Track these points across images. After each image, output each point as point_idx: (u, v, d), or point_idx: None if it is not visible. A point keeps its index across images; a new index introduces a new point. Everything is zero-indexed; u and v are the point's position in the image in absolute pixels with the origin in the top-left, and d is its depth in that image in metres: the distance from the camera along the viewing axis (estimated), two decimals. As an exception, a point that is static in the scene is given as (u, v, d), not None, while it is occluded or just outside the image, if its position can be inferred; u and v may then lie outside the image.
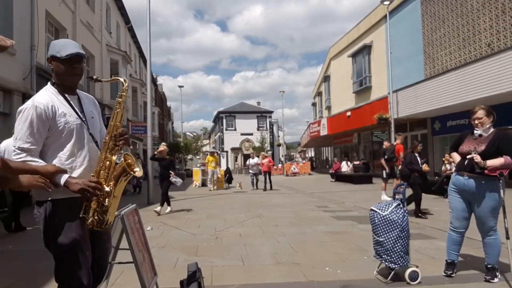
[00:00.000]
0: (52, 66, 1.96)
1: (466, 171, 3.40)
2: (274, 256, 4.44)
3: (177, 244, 5.25)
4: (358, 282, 3.45)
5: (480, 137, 3.44)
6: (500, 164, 3.22)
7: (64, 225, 1.86)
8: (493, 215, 3.33)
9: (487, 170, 3.24)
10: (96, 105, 2.24)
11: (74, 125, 1.95)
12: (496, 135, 3.39)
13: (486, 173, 3.26)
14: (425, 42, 15.93)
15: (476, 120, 3.45)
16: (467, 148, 3.45)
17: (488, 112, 3.43)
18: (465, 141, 3.55)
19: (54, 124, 1.88)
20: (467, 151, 3.43)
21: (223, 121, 53.11)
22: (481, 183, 3.32)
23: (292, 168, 28.78)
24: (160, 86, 42.21)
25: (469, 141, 3.50)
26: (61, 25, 12.51)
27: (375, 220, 3.48)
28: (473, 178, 3.35)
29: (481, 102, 11.57)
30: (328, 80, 28.56)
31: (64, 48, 1.93)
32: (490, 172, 3.25)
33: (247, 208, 9.10)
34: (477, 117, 3.44)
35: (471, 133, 3.53)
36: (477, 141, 3.43)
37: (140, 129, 20.65)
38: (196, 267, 2.99)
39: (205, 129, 79.26)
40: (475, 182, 3.34)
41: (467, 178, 3.39)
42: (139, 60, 29.01)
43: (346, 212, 8.07)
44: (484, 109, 3.44)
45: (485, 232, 3.39)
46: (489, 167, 3.22)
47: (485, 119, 3.42)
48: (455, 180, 3.54)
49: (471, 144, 3.46)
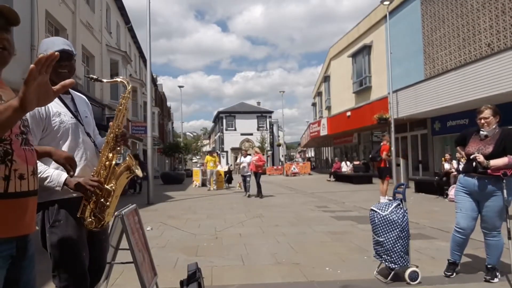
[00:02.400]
0: None
1: (475, 172, 3.34)
2: (274, 256, 4.44)
3: (177, 244, 5.25)
4: (358, 282, 3.45)
5: (486, 138, 3.38)
6: (503, 164, 3.17)
7: (61, 226, 1.86)
8: (499, 215, 3.28)
9: (490, 169, 3.20)
10: (88, 105, 2.24)
11: (69, 125, 1.93)
12: (502, 134, 3.32)
13: (489, 172, 3.22)
14: (425, 42, 15.93)
15: (483, 120, 3.38)
16: (474, 149, 3.38)
17: (494, 112, 3.38)
18: (470, 142, 3.49)
19: (49, 124, 1.87)
20: (473, 152, 3.35)
21: (223, 121, 53.11)
22: (484, 182, 3.28)
23: (292, 168, 28.78)
24: (160, 86, 42.21)
25: (475, 142, 3.44)
26: (61, 25, 12.51)
27: (375, 220, 3.48)
28: (480, 178, 3.31)
29: (481, 102, 11.57)
30: (328, 80, 28.57)
31: (52, 45, 1.90)
32: (493, 171, 3.21)
33: (247, 208, 9.10)
34: (484, 117, 3.38)
35: (477, 132, 3.46)
36: (484, 142, 3.37)
37: (140, 129, 20.65)
38: (196, 267, 2.99)
39: (205, 129, 79.39)
40: (482, 182, 3.30)
41: (477, 179, 3.33)
42: (139, 60, 29.01)
43: (346, 212, 8.07)
44: (491, 109, 3.38)
45: (489, 231, 3.35)
46: (492, 166, 3.17)
47: (492, 119, 3.36)
48: (464, 181, 3.47)
49: (477, 145, 3.40)
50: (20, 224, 1.31)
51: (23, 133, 1.37)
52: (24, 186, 1.31)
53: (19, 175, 1.29)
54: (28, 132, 1.41)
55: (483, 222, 3.40)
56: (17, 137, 1.32)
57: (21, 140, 1.34)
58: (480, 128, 3.43)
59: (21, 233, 1.32)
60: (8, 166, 1.26)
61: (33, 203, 1.40)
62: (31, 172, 1.36)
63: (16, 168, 1.28)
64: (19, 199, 1.29)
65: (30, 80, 1.06)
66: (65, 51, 1.89)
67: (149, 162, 12.04)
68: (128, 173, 2.03)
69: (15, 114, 1.10)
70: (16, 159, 1.28)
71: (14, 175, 1.28)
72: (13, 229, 1.27)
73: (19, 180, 1.29)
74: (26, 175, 1.33)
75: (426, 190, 11.43)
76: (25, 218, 1.33)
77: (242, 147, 51.97)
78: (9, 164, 1.26)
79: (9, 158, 1.26)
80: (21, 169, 1.30)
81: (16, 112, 1.09)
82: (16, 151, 1.29)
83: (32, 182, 1.37)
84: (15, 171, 1.28)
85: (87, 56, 15.53)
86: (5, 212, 1.25)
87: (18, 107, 1.08)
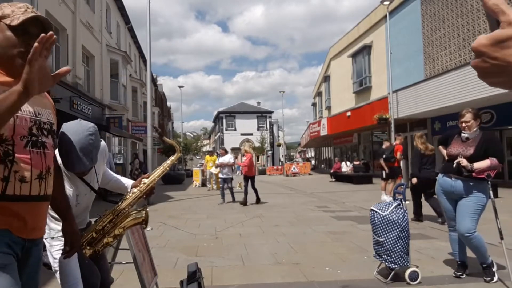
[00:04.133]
0: None
1: (453, 173, 3.42)
2: (274, 256, 4.44)
3: (177, 244, 5.25)
4: (358, 282, 3.46)
5: (467, 140, 3.46)
6: (486, 166, 3.25)
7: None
8: (472, 214, 3.29)
9: (474, 172, 3.26)
10: (106, 155, 2.26)
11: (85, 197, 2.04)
12: (483, 137, 3.41)
13: (473, 175, 3.28)
14: (425, 42, 15.93)
15: (464, 123, 3.47)
16: (455, 151, 3.47)
17: (475, 116, 3.46)
18: (453, 143, 3.57)
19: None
20: (455, 154, 3.45)
21: (223, 121, 53.11)
22: (469, 184, 3.33)
23: (292, 168, 28.78)
24: (160, 86, 42.22)
25: (457, 144, 3.52)
26: (61, 25, 12.50)
27: (375, 220, 3.48)
28: (461, 180, 3.37)
29: (481, 102, 11.59)
30: (328, 80, 28.56)
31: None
32: (478, 174, 3.28)
33: (247, 208, 9.10)
34: (465, 121, 3.46)
35: (459, 134, 3.55)
36: (465, 144, 3.46)
37: (140, 129, 20.66)
38: (196, 267, 2.99)
39: (205, 129, 79.37)
40: (462, 184, 3.36)
41: (454, 180, 3.42)
42: (139, 60, 29.01)
43: (346, 212, 8.07)
44: (471, 113, 3.47)
45: (462, 233, 3.30)
46: (476, 169, 3.25)
47: (473, 122, 3.44)
48: (443, 181, 3.56)
49: (459, 146, 3.48)
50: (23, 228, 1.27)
51: (34, 135, 1.31)
52: (25, 190, 1.26)
53: (20, 178, 1.24)
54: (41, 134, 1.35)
55: (457, 223, 3.40)
56: (21, 139, 1.26)
57: (27, 142, 1.28)
58: (462, 131, 3.51)
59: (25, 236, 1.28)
60: (7, 167, 1.21)
61: (38, 208, 1.34)
62: (36, 175, 1.30)
63: (17, 170, 1.24)
64: (18, 202, 1.24)
65: (34, 59, 1.05)
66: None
67: (149, 162, 12.04)
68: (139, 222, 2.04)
69: (19, 98, 1.08)
70: (18, 160, 1.24)
71: (14, 177, 1.23)
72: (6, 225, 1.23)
73: (20, 182, 1.24)
74: (29, 179, 1.27)
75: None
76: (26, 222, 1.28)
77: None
78: (8, 165, 1.21)
79: (9, 159, 1.22)
80: (23, 172, 1.25)
81: (20, 96, 1.08)
82: (19, 153, 1.24)
83: (37, 186, 1.30)
84: (15, 173, 1.23)
85: (87, 56, 15.51)
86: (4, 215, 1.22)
87: (22, 90, 1.07)
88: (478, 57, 0.60)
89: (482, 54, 0.59)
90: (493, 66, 0.58)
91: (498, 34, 0.57)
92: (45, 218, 1.42)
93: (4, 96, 1.07)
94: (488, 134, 3.49)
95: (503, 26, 0.57)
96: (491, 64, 0.58)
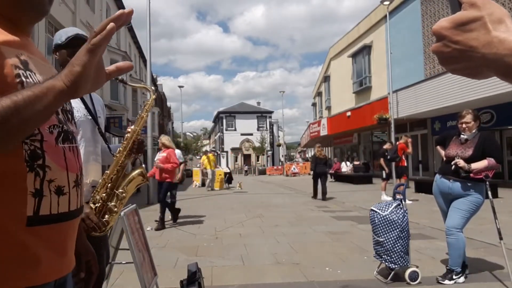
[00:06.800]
0: (57, 57, 1.87)
1: (451, 175, 3.41)
2: (274, 256, 4.44)
3: (177, 244, 5.26)
4: (358, 282, 3.46)
5: (466, 142, 3.46)
6: (484, 166, 3.25)
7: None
8: (464, 212, 3.29)
9: (472, 173, 3.26)
10: (103, 106, 2.22)
11: (79, 122, 1.83)
12: (481, 138, 3.41)
13: (471, 176, 3.28)
14: (425, 42, 15.92)
15: (464, 124, 3.46)
16: (454, 152, 3.46)
17: (475, 117, 3.46)
18: (451, 145, 3.56)
19: None
20: (453, 155, 3.44)
21: (223, 121, 53.11)
22: (466, 185, 3.33)
23: (292, 168, 28.78)
24: (160, 86, 42.25)
25: (456, 145, 3.51)
26: (61, 25, 12.48)
27: (375, 220, 3.48)
28: (459, 181, 3.36)
29: (481, 102, 11.59)
30: (328, 80, 28.56)
31: (66, 33, 1.86)
32: (475, 175, 3.28)
33: (247, 208, 9.10)
34: (465, 122, 3.45)
35: (457, 135, 3.54)
36: (464, 145, 3.45)
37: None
38: (196, 267, 2.99)
39: (205, 129, 79.42)
40: (460, 185, 3.35)
41: (452, 182, 3.40)
42: (139, 60, 29.01)
43: (346, 212, 8.07)
44: (472, 114, 3.47)
45: (449, 229, 3.32)
46: (474, 170, 3.24)
47: (473, 124, 3.44)
48: (440, 182, 3.54)
49: (457, 148, 3.47)
50: (60, 262, 0.86)
51: (60, 121, 0.89)
52: (63, 206, 0.84)
53: (56, 189, 0.83)
54: (67, 120, 0.93)
55: (446, 217, 3.41)
56: (51, 130, 0.84)
57: (58, 134, 0.86)
58: (461, 132, 3.49)
59: (62, 274, 0.87)
60: (39, 176, 0.79)
61: (75, 227, 0.93)
62: (73, 182, 0.89)
63: (52, 178, 0.82)
64: (56, 224, 0.83)
65: (100, 44, 0.71)
66: (79, 36, 1.83)
67: (149, 162, 12.03)
68: (139, 180, 2.00)
69: (61, 99, 0.72)
70: (51, 164, 0.82)
71: (49, 188, 0.81)
72: (49, 271, 0.82)
73: (56, 196, 0.83)
74: (67, 188, 0.86)
75: (426, 190, 11.41)
76: (67, 251, 0.88)
77: (243, 148, 52.08)
78: (40, 173, 0.79)
79: (39, 163, 0.79)
80: (59, 180, 0.84)
81: (62, 96, 0.71)
82: (50, 152, 0.82)
83: (75, 197, 0.89)
84: (49, 183, 0.81)
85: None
86: (35, 247, 0.78)
87: (67, 89, 0.70)
88: (439, 41, 0.55)
89: (443, 37, 0.54)
90: (454, 51, 0.54)
91: (460, 16, 0.53)
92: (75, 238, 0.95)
93: (39, 93, 0.68)
94: (486, 135, 3.48)
95: (465, 8, 0.53)
96: (452, 48, 0.54)
